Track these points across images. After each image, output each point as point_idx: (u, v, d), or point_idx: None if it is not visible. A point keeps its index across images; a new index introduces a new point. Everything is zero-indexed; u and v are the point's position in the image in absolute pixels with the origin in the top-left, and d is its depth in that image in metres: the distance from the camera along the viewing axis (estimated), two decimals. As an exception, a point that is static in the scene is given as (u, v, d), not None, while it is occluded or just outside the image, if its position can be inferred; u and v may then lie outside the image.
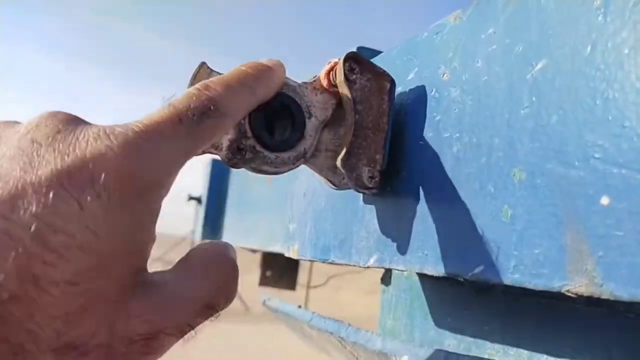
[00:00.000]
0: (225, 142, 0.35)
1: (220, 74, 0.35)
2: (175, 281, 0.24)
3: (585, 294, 0.23)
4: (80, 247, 0.20)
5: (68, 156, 0.21)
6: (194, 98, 0.25)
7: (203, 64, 0.35)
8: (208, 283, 0.25)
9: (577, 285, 0.23)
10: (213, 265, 0.25)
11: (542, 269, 0.25)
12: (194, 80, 0.35)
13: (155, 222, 0.23)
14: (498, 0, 0.30)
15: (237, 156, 0.34)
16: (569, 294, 0.24)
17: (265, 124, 0.36)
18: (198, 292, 0.24)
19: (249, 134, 0.35)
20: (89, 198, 0.20)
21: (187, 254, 0.26)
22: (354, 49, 0.56)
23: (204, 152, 0.34)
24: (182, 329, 0.23)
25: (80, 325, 0.20)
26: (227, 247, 0.27)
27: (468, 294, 0.51)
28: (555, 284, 0.24)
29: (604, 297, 0.23)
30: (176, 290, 0.24)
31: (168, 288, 0.23)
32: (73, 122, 0.23)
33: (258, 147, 0.35)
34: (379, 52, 0.54)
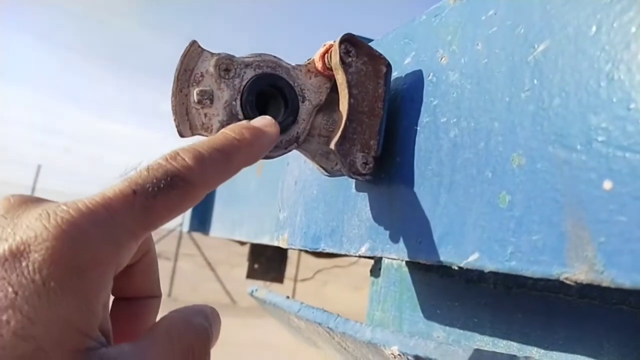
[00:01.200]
0: (215, 124, 0.33)
1: (211, 53, 0.34)
2: (133, 353, 0.23)
3: (584, 282, 0.23)
4: (15, 334, 0.19)
5: (6, 241, 0.21)
6: (158, 170, 0.24)
7: (194, 42, 0.34)
8: (170, 350, 0.24)
9: (576, 272, 0.23)
10: (175, 332, 0.24)
11: (540, 255, 0.24)
12: (184, 59, 0.33)
13: (102, 299, 0.22)
14: (500, -19, 0.29)
15: (227, 138, 0.33)
16: (568, 282, 0.23)
17: (257, 105, 0.35)
18: None
19: (241, 115, 0.34)
20: (23, 281, 0.20)
21: (153, 326, 0.25)
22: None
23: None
24: None
25: None
26: (196, 311, 0.26)
27: (458, 286, 0.50)
28: (554, 271, 0.24)
29: (604, 284, 0.22)
30: None
31: None
32: (22, 205, 0.23)
33: None
34: (369, 39, 0.53)
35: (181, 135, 0.34)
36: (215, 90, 0.33)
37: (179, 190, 0.24)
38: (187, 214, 1.61)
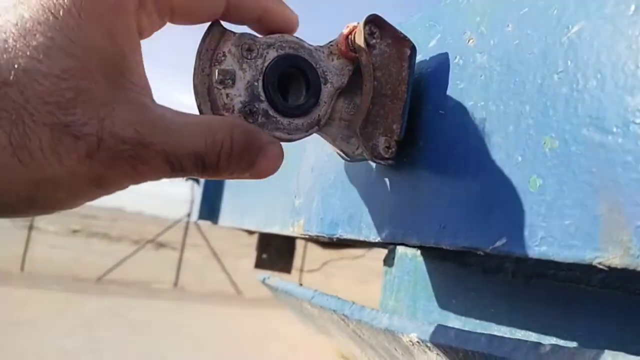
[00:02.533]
0: (237, 104, 0.33)
1: (234, 32, 0.34)
2: (173, 118, 0.27)
3: (619, 266, 0.22)
4: (60, 49, 0.23)
5: None
6: None
7: (216, 22, 0.33)
8: (204, 138, 0.27)
9: (610, 256, 0.22)
10: (217, 129, 0.28)
11: (572, 240, 0.24)
12: (207, 38, 0.33)
13: (130, 34, 0.26)
14: (532, -39, 0.29)
15: (249, 120, 0.33)
16: (601, 266, 0.23)
17: (279, 87, 0.34)
18: (190, 139, 0.27)
19: (263, 97, 0.34)
20: (61, 12, 0.24)
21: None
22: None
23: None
24: (169, 158, 0.26)
25: (72, 113, 0.23)
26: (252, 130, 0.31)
27: (475, 276, 0.50)
28: (587, 256, 0.23)
29: (639, 269, 0.22)
30: (171, 124, 0.26)
31: (164, 117, 0.26)
32: None
33: (271, 112, 0.34)
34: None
35: (202, 114, 0.33)
36: (237, 70, 0.33)
37: None
38: (197, 202, 1.61)
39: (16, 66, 0.22)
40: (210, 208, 1.49)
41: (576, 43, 0.25)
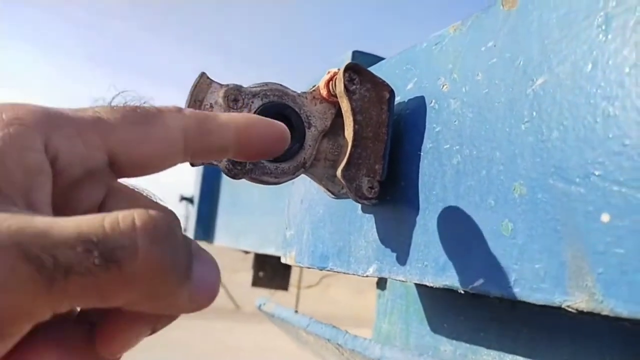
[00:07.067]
0: (224, 152, 0.35)
1: (220, 84, 0.35)
2: None
3: (585, 310, 0.24)
4: None
5: None
6: None
7: (203, 74, 0.35)
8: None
9: (577, 300, 0.24)
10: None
11: (542, 283, 0.25)
12: (194, 90, 0.35)
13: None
14: (499, 14, 0.30)
15: (237, 167, 0.34)
16: (570, 309, 0.24)
17: None
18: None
19: (249, 144, 0.35)
20: None
21: None
22: (349, 52, 0.56)
23: (203, 164, 0.34)
24: None
25: None
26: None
27: (464, 300, 0.51)
28: (556, 299, 0.24)
29: (604, 313, 0.23)
30: None
31: None
32: None
33: None
34: (374, 56, 0.54)
35: (192, 164, 0.35)
36: (225, 121, 0.35)
37: None
38: (192, 223, 1.62)
39: None
40: (204, 229, 1.49)
41: (540, 95, 0.27)
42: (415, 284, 0.57)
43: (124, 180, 0.24)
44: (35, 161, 0.20)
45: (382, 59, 0.47)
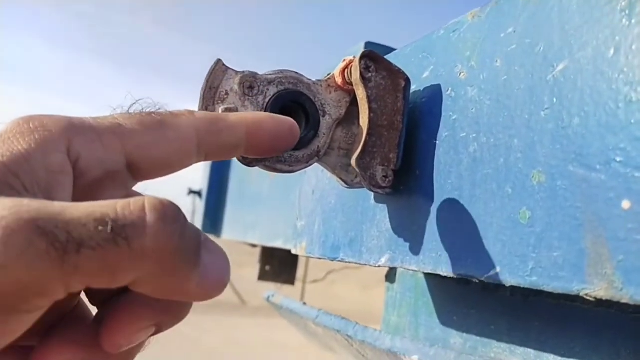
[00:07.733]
0: (239, 139, 0.34)
1: (236, 71, 0.35)
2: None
3: (604, 298, 0.23)
4: None
5: None
6: None
7: (219, 61, 0.35)
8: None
9: (596, 289, 0.23)
10: None
11: (560, 271, 0.25)
12: (209, 77, 0.35)
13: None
14: (518, 0, 0.30)
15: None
16: (588, 298, 0.24)
17: None
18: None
19: (263, 130, 0.35)
20: None
21: None
22: (362, 44, 0.56)
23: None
24: None
25: None
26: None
27: (475, 293, 0.51)
28: (574, 287, 0.24)
29: (623, 301, 0.23)
30: None
31: None
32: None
33: None
34: (386, 47, 0.54)
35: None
36: (240, 107, 0.34)
37: None
38: (199, 216, 1.62)
39: None
40: (212, 222, 1.50)
41: (561, 81, 0.27)
42: (426, 277, 0.57)
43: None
44: (58, 161, 0.21)
45: (395, 49, 0.47)
